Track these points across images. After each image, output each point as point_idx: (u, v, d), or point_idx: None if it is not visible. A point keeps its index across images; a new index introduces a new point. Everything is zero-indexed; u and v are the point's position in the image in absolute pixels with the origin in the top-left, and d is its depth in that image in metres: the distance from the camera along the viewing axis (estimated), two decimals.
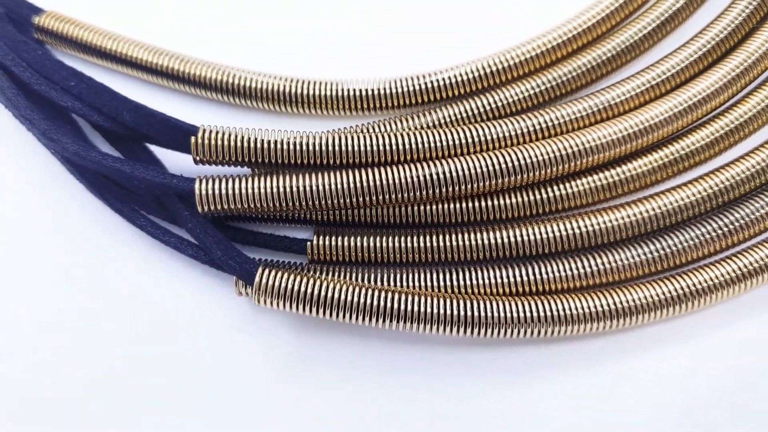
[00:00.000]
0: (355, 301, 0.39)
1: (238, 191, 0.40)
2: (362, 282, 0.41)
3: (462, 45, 0.48)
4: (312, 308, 0.39)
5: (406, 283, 0.41)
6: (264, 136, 0.41)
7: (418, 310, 0.39)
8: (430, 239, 0.42)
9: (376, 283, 0.41)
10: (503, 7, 0.49)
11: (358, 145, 0.40)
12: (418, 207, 0.42)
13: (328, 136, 0.41)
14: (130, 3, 0.50)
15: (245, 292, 0.41)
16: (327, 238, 0.42)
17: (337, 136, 0.41)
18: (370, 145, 0.41)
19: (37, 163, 0.45)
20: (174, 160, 0.44)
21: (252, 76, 0.46)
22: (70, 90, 0.43)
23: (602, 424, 0.40)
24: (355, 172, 0.40)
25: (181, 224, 0.42)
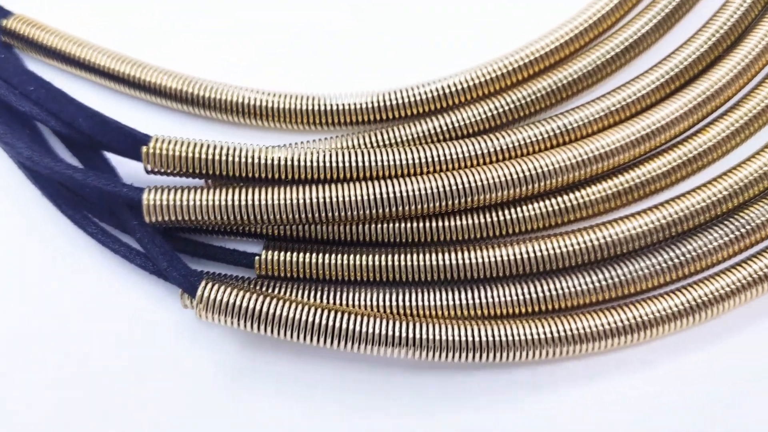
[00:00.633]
0: (298, 318, 0.38)
1: (187, 202, 0.40)
2: (310, 300, 0.41)
3: (426, 63, 0.48)
4: (253, 324, 0.39)
5: (356, 302, 0.41)
6: (217, 148, 0.40)
7: (360, 330, 0.39)
8: (381, 258, 0.42)
9: (326, 302, 0.41)
10: (466, 28, 0.49)
11: (308, 161, 0.40)
12: (370, 225, 0.42)
13: (280, 151, 0.41)
14: (103, 9, 0.50)
15: (190, 304, 0.41)
16: (276, 253, 0.42)
17: (290, 151, 0.41)
18: (321, 161, 0.40)
19: None
20: (135, 168, 0.44)
21: (216, 87, 0.46)
22: (30, 95, 0.43)
23: None
24: (305, 188, 0.40)
25: (131, 233, 0.42)
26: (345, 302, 0.41)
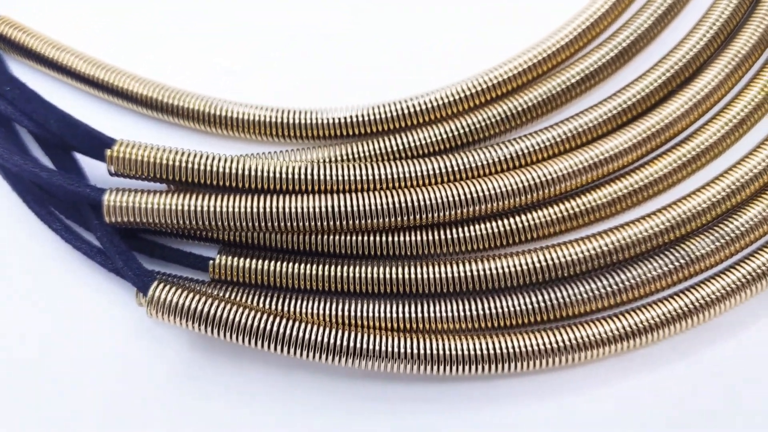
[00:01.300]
0: (243, 322, 0.40)
1: (145, 205, 0.41)
2: (262, 306, 0.42)
3: (418, 75, 0.50)
4: (201, 326, 0.40)
5: (305, 310, 0.42)
6: (177, 154, 0.42)
7: (301, 337, 0.40)
8: (331, 268, 0.43)
9: (277, 308, 0.42)
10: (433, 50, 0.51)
11: (264, 171, 0.42)
12: (325, 237, 0.43)
13: (239, 160, 0.42)
14: (96, 11, 0.52)
15: (144, 303, 0.42)
16: (230, 258, 0.43)
17: (249, 161, 0.42)
18: (277, 172, 0.42)
19: None
20: (103, 170, 0.46)
21: (188, 96, 0.48)
22: (5, 95, 0.45)
23: None
24: (261, 197, 0.41)
25: (93, 232, 0.43)
26: (294, 310, 0.42)
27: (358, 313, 0.42)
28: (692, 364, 0.43)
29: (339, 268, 0.43)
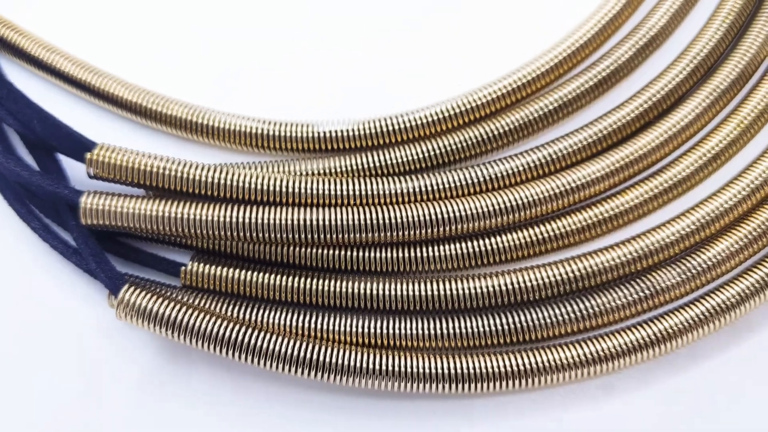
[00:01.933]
0: (211, 331, 0.41)
1: (121, 210, 0.42)
2: (231, 315, 0.43)
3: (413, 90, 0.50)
4: (168, 331, 0.41)
5: (274, 321, 0.43)
6: (156, 160, 0.43)
7: (266, 347, 0.41)
8: (303, 281, 0.43)
9: (248, 318, 0.43)
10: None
11: (241, 182, 0.43)
12: (298, 249, 0.44)
13: (216, 170, 0.43)
14: (88, 16, 0.53)
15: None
16: (202, 266, 0.44)
17: (226, 171, 0.43)
18: (253, 183, 0.43)
19: None
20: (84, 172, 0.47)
21: (174, 105, 0.48)
22: None
23: None
24: (235, 207, 0.42)
25: (70, 232, 0.44)
26: (264, 320, 0.43)
27: (327, 327, 0.43)
28: (656, 393, 0.43)
29: (311, 280, 0.44)
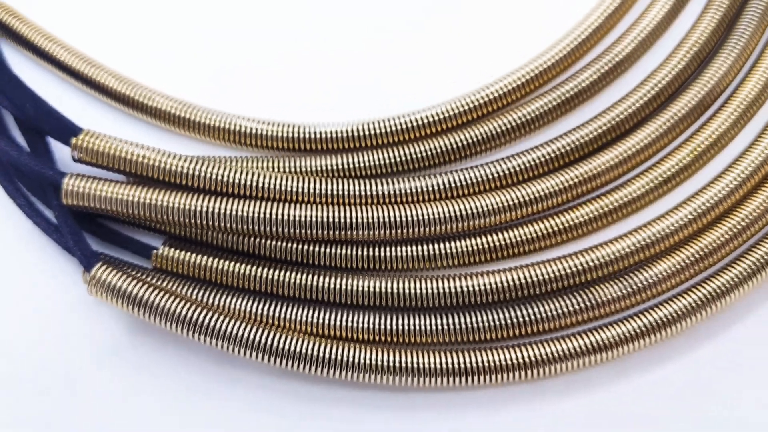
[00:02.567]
0: (174, 311, 0.43)
1: (100, 193, 0.45)
2: (198, 300, 0.46)
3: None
4: (135, 309, 0.44)
5: (239, 307, 0.46)
6: (137, 149, 0.46)
7: (222, 330, 0.43)
8: (267, 271, 0.46)
9: (212, 303, 0.46)
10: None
11: (212, 174, 0.45)
12: (263, 241, 0.47)
13: (192, 161, 0.46)
14: (93, 7, 0.56)
15: None
16: (172, 251, 0.47)
17: (201, 163, 0.46)
18: (223, 176, 0.45)
19: None
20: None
21: (160, 98, 0.51)
22: None
23: None
24: (204, 197, 0.45)
25: (53, 210, 0.47)
26: (226, 306, 0.46)
27: (291, 317, 0.45)
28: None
29: (276, 271, 0.46)
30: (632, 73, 0.52)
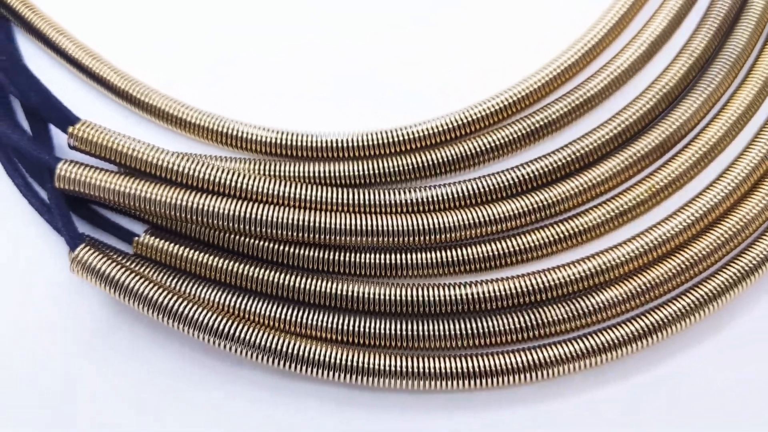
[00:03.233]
0: (149, 296, 0.46)
1: (91, 180, 0.48)
2: (173, 287, 0.49)
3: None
4: (113, 290, 0.47)
5: (213, 298, 0.49)
6: (128, 142, 0.49)
7: (198, 319, 0.46)
8: (236, 266, 0.49)
9: (187, 293, 0.49)
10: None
11: (196, 171, 0.48)
12: (235, 237, 0.50)
13: (179, 157, 0.49)
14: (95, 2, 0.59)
15: None
16: (153, 239, 0.50)
17: (186, 161, 0.49)
18: (205, 174, 0.48)
19: None
20: None
21: (156, 96, 0.55)
22: (1, 64, 0.52)
23: None
24: (186, 193, 0.48)
25: (47, 192, 0.50)
26: (201, 297, 0.49)
27: (270, 313, 0.48)
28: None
29: (249, 268, 0.49)
30: (634, 82, 0.55)
